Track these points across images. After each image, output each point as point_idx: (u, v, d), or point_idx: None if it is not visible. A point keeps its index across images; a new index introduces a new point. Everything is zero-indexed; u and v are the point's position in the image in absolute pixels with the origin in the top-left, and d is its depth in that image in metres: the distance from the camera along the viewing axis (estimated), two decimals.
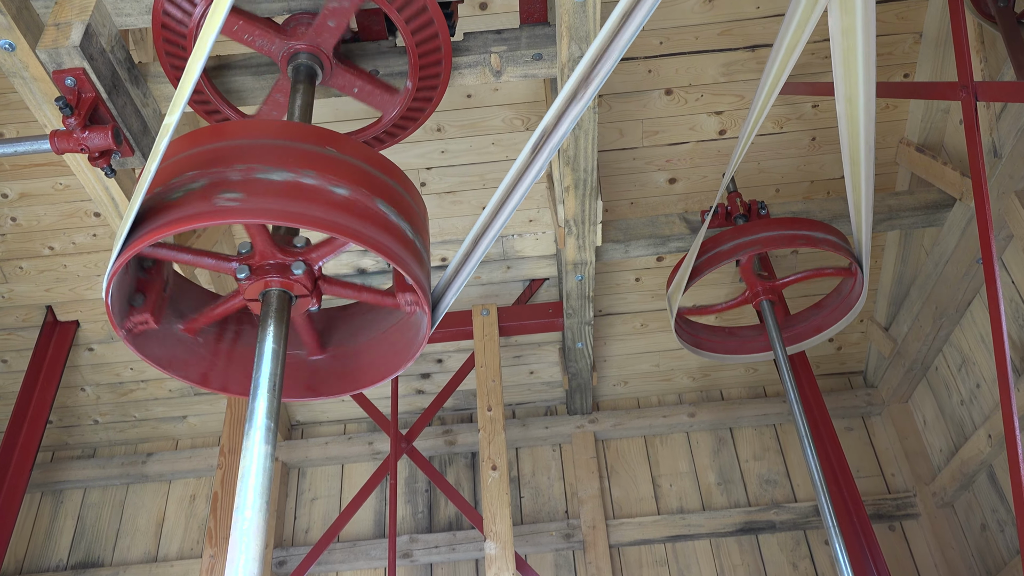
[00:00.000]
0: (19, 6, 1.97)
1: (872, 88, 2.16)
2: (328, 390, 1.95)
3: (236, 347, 1.95)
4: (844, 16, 1.98)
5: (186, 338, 1.86)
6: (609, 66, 1.44)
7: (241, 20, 1.95)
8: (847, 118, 2.29)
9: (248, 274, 1.62)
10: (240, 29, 1.96)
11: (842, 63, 2.11)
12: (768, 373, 4.41)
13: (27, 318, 3.95)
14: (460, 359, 4.23)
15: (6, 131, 3.36)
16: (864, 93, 2.18)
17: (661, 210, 3.79)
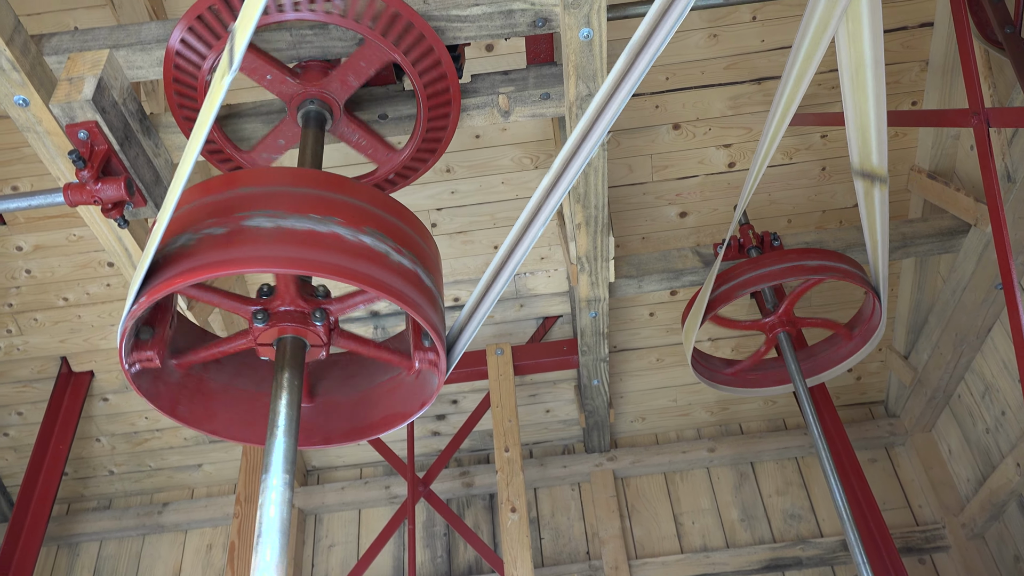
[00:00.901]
0: (32, 62, 1.99)
1: (883, 116, 2.15)
2: (342, 437, 1.92)
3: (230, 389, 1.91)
4: (852, 46, 1.98)
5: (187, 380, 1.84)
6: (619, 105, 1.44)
7: (258, 59, 1.96)
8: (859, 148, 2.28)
9: (266, 319, 1.60)
10: (256, 67, 1.97)
11: (852, 93, 2.11)
12: (787, 405, 4.36)
13: (42, 369, 3.96)
14: (475, 399, 4.20)
15: (21, 185, 3.39)
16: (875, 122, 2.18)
17: (673, 244, 3.78)
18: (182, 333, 1.82)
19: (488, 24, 2.02)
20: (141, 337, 1.68)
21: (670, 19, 1.32)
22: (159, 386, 1.77)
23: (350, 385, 1.93)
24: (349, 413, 1.91)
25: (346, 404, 1.92)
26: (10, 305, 3.73)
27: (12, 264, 3.62)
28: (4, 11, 1.90)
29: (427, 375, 1.84)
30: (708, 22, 3.18)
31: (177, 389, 1.80)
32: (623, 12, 2.47)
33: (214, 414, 1.85)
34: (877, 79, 2.05)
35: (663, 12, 1.33)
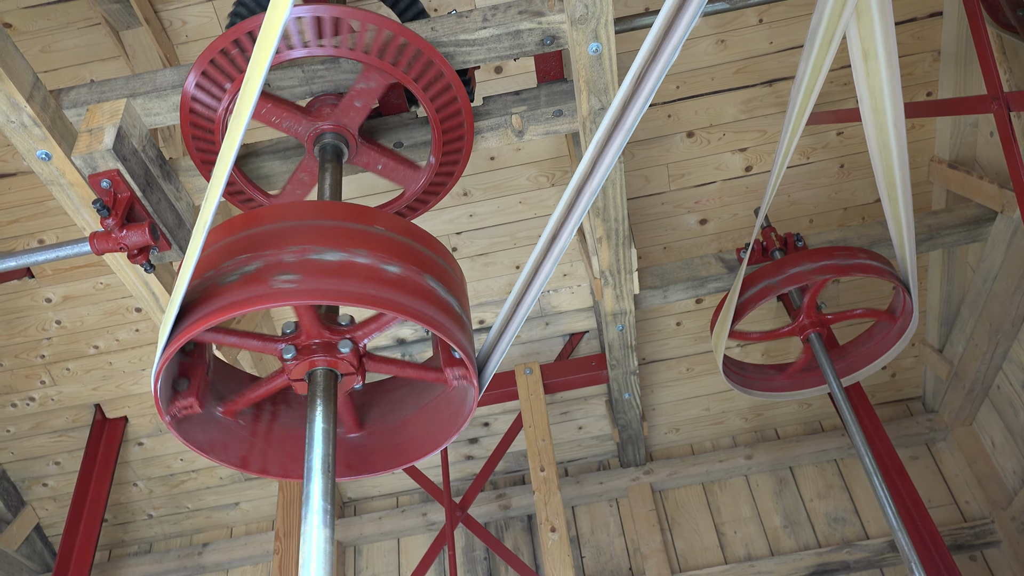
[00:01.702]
0: (53, 116, 2.02)
1: (900, 110, 2.13)
2: (377, 466, 1.92)
3: (273, 428, 1.93)
4: (864, 41, 1.97)
5: (226, 421, 1.85)
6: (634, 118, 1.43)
7: (268, 103, 1.99)
8: (878, 142, 2.26)
9: (295, 354, 1.61)
10: (268, 112, 1.99)
11: (867, 88, 2.09)
12: (822, 407, 4.30)
13: (77, 418, 3.99)
14: (507, 421, 4.18)
15: (46, 237, 3.44)
16: (892, 116, 2.15)
17: (695, 252, 3.75)
18: (222, 378, 1.84)
19: (497, 46, 2.03)
20: (178, 389, 1.69)
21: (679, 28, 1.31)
22: (206, 433, 1.79)
23: (387, 414, 1.93)
24: (386, 442, 1.91)
25: (383, 433, 1.92)
26: (42, 356, 3.78)
27: (42, 316, 3.66)
28: (23, 69, 1.93)
29: (460, 397, 1.83)
30: (715, 28, 3.18)
31: (224, 434, 1.81)
32: (630, 24, 2.47)
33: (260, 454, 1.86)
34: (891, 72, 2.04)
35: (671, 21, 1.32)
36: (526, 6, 2.02)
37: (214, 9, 2.94)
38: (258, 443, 1.89)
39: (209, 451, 1.80)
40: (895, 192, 2.43)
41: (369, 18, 1.84)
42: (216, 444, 1.82)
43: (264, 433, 1.91)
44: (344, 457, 1.91)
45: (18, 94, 1.90)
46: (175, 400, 1.70)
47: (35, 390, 3.88)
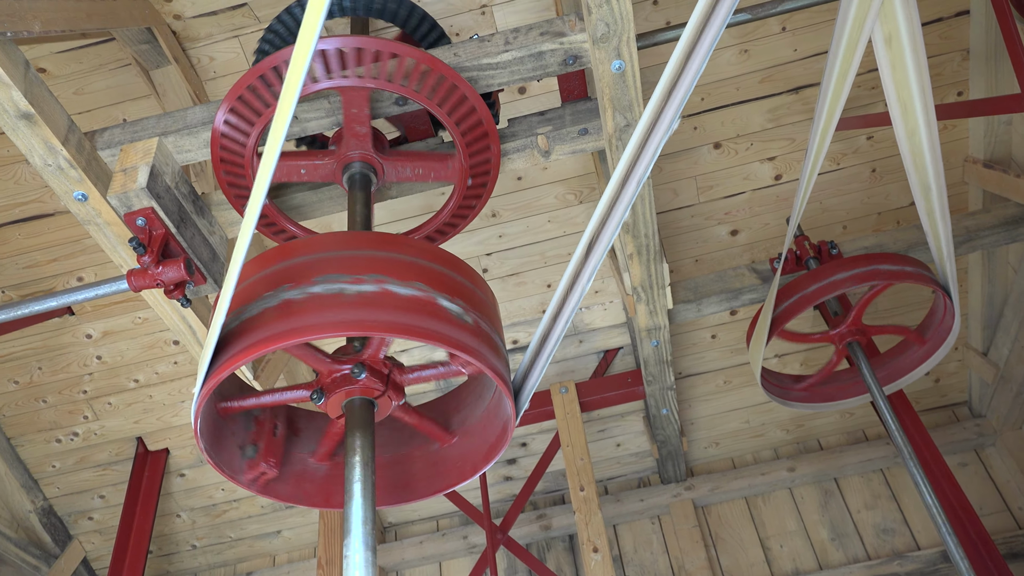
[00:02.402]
0: (88, 158, 2.07)
1: (931, 112, 2.10)
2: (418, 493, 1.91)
3: None
4: (890, 44, 1.94)
5: (320, 467, 1.88)
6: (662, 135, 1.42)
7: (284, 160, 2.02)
8: (909, 146, 2.22)
9: (323, 396, 1.62)
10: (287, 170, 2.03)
11: (895, 91, 2.06)
12: (865, 416, 4.22)
13: (120, 452, 4.05)
14: (544, 440, 4.16)
15: (85, 275, 3.51)
16: (924, 118, 2.12)
17: (727, 264, 3.72)
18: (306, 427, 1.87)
19: (519, 68, 2.04)
20: (247, 456, 1.73)
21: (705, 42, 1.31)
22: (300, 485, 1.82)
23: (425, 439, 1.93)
24: (426, 467, 1.90)
25: (422, 459, 1.92)
26: (84, 392, 3.84)
27: (84, 352, 3.73)
28: (58, 113, 1.98)
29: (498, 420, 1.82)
30: (737, 38, 3.17)
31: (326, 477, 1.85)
32: (652, 40, 2.46)
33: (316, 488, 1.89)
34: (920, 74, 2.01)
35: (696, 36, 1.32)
36: (547, 27, 2.02)
37: (240, 45, 2.99)
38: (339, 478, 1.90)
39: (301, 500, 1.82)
40: (930, 195, 2.39)
41: (392, 47, 1.86)
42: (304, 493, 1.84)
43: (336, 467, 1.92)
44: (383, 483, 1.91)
45: (54, 138, 1.94)
46: (248, 470, 1.73)
47: (78, 425, 3.94)
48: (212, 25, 2.93)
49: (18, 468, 4.00)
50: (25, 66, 1.89)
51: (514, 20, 3.02)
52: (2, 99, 1.85)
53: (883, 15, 1.88)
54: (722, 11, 1.29)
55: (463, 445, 1.92)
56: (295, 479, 1.83)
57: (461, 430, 1.93)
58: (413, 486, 1.92)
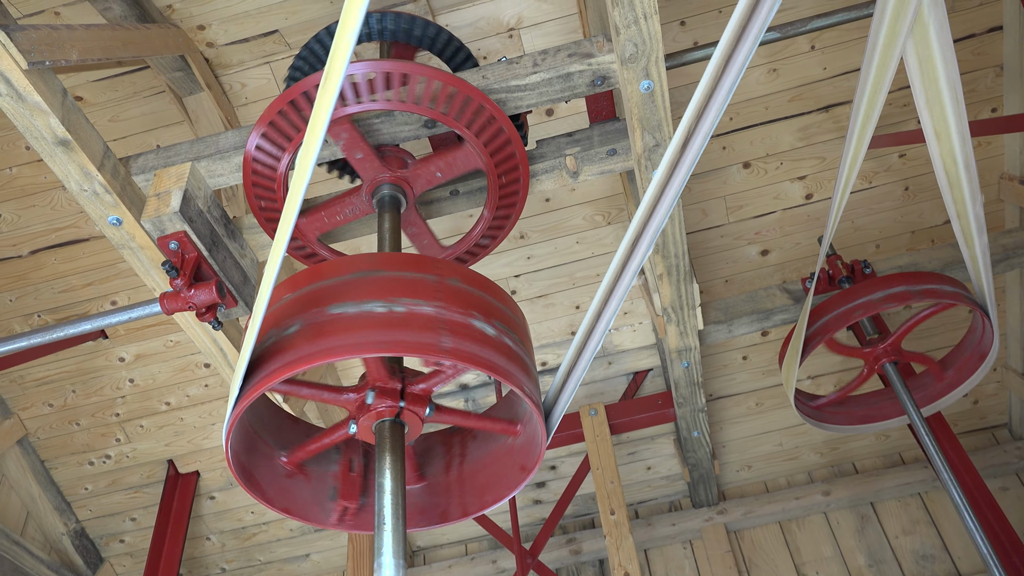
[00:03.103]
0: (122, 183, 2.10)
1: (965, 129, 2.06)
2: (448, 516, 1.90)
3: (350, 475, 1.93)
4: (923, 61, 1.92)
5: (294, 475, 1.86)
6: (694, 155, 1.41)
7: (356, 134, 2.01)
8: (943, 163, 2.19)
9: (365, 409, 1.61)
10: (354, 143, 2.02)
11: (928, 109, 2.03)
12: (902, 438, 4.13)
13: (151, 474, 4.07)
14: (574, 463, 4.13)
15: (118, 299, 3.55)
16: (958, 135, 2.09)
17: (758, 284, 3.68)
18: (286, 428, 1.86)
19: (548, 90, 2.04)
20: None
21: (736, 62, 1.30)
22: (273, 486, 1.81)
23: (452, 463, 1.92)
24: (456, 491, 1.89)
25: (452, 482, 1.90)
26: (117, 415, 3.88)
27: (116, 375, 3.77)
28: (94, 140, 2.01)
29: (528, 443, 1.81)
30: (766, 58, 3.15)
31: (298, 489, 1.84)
32: (680, 59, 2.46)
33: None
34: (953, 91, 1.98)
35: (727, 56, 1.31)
36: (575, 48, 2.03)
37: (271, 71, 3.04)
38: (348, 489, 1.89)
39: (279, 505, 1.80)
40: (966, 213, 2.34)
41: (422, 71, 1.87)
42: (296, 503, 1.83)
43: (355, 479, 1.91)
44: (414, 507, 1.90)
45: (90, 164, 1.97)
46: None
47: (111, 448, 3.97)
48: (244, 52, 2.97)
49: (51, 491, 4.04)
50: (63, 94, 1.93)
51: (541, 43, 3.03)
52: (40, 126, 1.88)
53: (915, 32, 1.86)
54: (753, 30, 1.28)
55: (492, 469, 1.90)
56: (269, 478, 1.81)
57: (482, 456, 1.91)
58: (443, 510, 1.91)
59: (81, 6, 2.78)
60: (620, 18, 1.84)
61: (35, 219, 3.34)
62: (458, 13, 2.95)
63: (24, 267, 3.46)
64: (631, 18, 1.84)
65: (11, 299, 3.54)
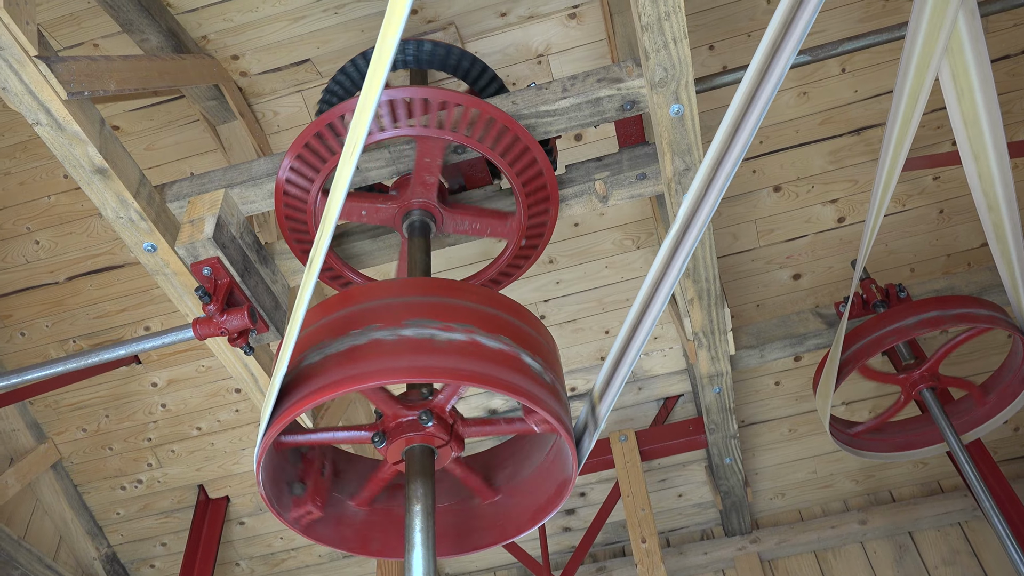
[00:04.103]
0: (157, 210, 2.13)
1: (1003, 150, 2.03)
2: (479, 543, 1.88)
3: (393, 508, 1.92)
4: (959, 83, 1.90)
5: (360, 513, 1.86)
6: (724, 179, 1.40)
7: (351, 200, 2.04)
8: (981, 185, 2.15)
9: (384, 439, 1.60)
10: (350, 210, 2.06)
11: (965, 131, 2.01)
12: (940, 466, 4.04)
13: (181, 499, 4.09)
14: (604, 490, 4.08)
15: (152, 324, 3.60)
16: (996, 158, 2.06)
17: (790, 308, 3.64)
18: (349, 470, 1.87)
19: (577, 115, 2.04)
20: (295, 493, 1.72)
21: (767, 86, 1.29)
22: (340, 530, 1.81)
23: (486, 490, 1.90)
24: (484, 518, 1.87)
25: (480, 509, 1.89)
26: (149, 440, 3.91)
27: (149, 400, 3.80)
28: (130, 168, 2.05)
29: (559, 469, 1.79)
30: (796, 81, 3.14)
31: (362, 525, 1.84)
32: (710, 83, 2.45)
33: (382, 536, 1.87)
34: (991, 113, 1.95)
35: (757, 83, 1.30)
36: (604, 74, 2.03)
37: (303, 99, 3.08)
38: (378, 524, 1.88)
39: (342, 544, 1.80)
40: (1004, 236, 2.30)
41: (453, 97, 1.88)
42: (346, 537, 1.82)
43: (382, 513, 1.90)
44: (444, 533, 1.89)
45: (126, 192, 2.00)
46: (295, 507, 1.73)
47: (142, 472, 4.00)
48: (277, 81, 3.02)
49: (84, 515, 4.08)
50: (101, 123, 1.96)
51: (570, 69, 3.05)
52: (79, 155, 1.92)
53: (950, 53, 1.84)
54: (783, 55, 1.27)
55: (523, 495, 1.88)
56: (335, 522, 1.81)
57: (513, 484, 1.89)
58: (471, 536, 1.89)
59: (119, 38, 2.85)
60: (650, 43, 1.84)
61: (72, 246, 3.40)
62: (487, 40, 2.97)
63: (61, 293, 3.52)
64: (661, 43, 1.84)
65: (47, 325, 3.59)
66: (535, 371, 1.50)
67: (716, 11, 2.96)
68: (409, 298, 1.51)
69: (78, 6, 2.75)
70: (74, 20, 2.78)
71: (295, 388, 1.46)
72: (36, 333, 3.62)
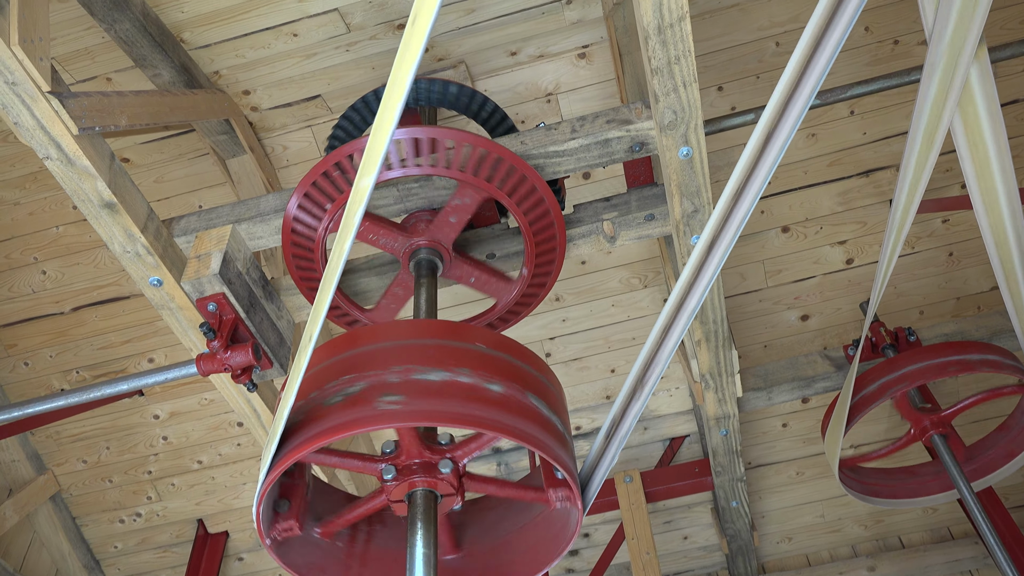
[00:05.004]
0: (164, 245, 2.12)
1: (1015, 196, 2.02)
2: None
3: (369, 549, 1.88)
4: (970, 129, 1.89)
5: (323, 542, 1.82)
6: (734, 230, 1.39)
7: (367, 222, 2.03)
8: (992, 232, 2.14)
9: (395, 475, 1.57)
10: (366, 229, 2.04)
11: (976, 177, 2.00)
12: (950, 512, 3.97)
13: (180, 533, 4.04)
14: (608, 531, 4.02)
15: (156, 356, 3.58)
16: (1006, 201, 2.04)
17: (798, 350, 3.60)
18: (320, 498, 1.82)
19: (586, 155, 2.04)
20: (278, 510, 1.68)
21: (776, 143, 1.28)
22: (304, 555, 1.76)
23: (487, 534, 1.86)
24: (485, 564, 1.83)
25: (481, 555, 1.85)
26: (149, 472, 3.87)
27: (150, 433, 3.78)
28: (139, 202, 2.05)
29: (562, 515, 1.76)
30: (805, 123, 3.14)
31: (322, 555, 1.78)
32: (719, 126, 2.45)
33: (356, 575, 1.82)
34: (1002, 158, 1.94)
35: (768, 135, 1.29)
36: (613, 115, 2.03)
37: (313, 134, 3.09)
38: (354, 564, 1.84)
39: (307, 573, 1.76)
40: (1016, 281, 2.28)
41: (463, 137, 1.88)
42: (314, 566, 1.78)
43: (360, 554, 1.86)
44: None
45: (134, 226, 2.00)
46: (276, 522, 1.69)
47: (142, 506, 3.96)
48: (287, 116, 3.04)
49: (81, 548, 4.03)
50: (110, 158, 1.97)
51: (579, 108, 3.06)
52: (87, 189, 1.92)
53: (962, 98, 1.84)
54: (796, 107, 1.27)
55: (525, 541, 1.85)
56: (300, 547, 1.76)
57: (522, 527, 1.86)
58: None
59: (133, 72, 2.87)
60: (659, 86, 1.84)
61: (78, 277, 3.40)
62: (497, 79, 2.99)
63: (65, 324, 3.51)
64: (670, 86, 1.84)
65: (51, 355, 3.58)
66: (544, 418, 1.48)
67: (725, 52, 2.98)
68: (418, 341, 1.49)
69: (93, 41, 2.77)
70: (88, 54, 2.81)
71: (299, 429, 1.44)
72: (40, 363, 3.60)
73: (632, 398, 1.61)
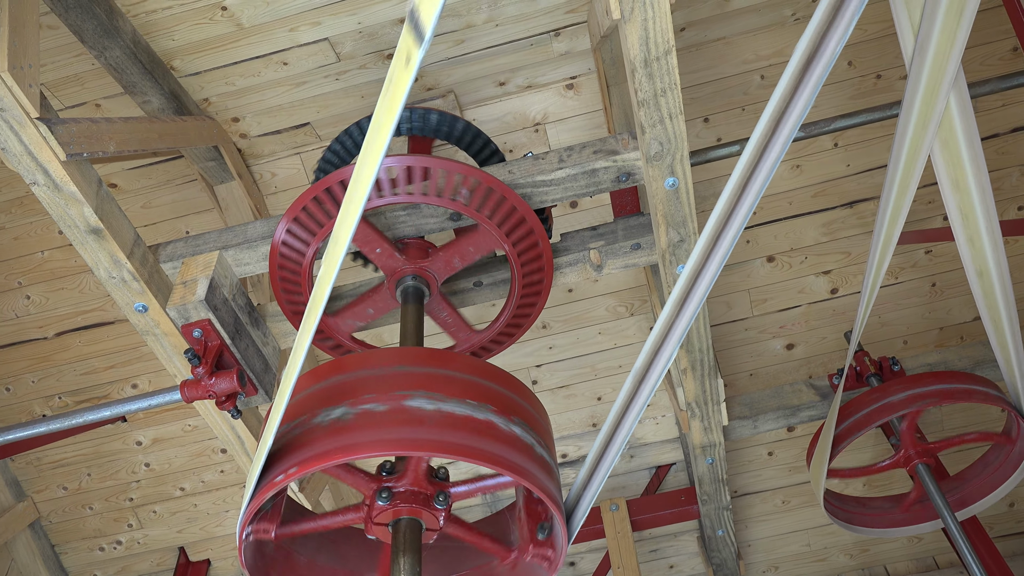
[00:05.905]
0: (150, 271, 2.12)
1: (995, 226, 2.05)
2: None
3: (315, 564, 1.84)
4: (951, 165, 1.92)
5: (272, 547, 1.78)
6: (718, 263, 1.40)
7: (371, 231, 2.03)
8: (975, 264, 2.17)
9: (390, 498, 1.56)
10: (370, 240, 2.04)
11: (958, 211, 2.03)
12: (935, 541, 3.98)
13: (161, 562, 3.99)
14: (593, 560, 4.00)
15: (139, 381, 3.55)
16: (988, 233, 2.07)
17: (784, 379, 3.62)
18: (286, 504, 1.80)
19: (573, 185, 2.06)
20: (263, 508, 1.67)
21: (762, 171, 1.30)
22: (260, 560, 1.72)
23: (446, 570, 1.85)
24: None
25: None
26: (131, 500, 3.82)
27: (132, 459, 3.73)
28: (126, 228, 2.04)
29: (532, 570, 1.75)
30: (789, 154, 3.18)
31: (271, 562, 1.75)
32: (704, 156, 2.48)
33: None
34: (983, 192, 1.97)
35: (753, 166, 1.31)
36: (600, 146, 2.05)
37: (301, 161, 3.10)
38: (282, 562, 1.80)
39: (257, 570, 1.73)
40: (997, 311, 2.31)
41: (451, 166, 1.90)
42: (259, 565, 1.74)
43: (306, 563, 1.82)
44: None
45: (120, 252, 2.00)
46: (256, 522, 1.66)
47: (122, 533, 3.91)
48: (276, 143, 3.05)
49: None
50: (98, 184, 1.97)
51: (566, 138, 3.09)
52: (74, 215, 1.92)
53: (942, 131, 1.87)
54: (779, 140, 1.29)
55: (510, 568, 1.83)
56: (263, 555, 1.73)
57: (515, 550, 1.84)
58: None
59: (121, 99, 2.88)
60: (646, 118, 1.86)
61: (62, 302, 3.38)
62: (485, 108, 3.01)
63: (49, 349, 3.48)
64: (656, 118, 1.86)
65: (33, 380, 3.55)
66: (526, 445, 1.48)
67: (711, 85, 3.02)
68: (404, 368, 1.49)
69: (83, 67, 2.78)
70: (78, 80, 2.82)
71: (284, 456, 1.44)
72: (21, 388, 3.57)
73: (618, 426, 1.61)
